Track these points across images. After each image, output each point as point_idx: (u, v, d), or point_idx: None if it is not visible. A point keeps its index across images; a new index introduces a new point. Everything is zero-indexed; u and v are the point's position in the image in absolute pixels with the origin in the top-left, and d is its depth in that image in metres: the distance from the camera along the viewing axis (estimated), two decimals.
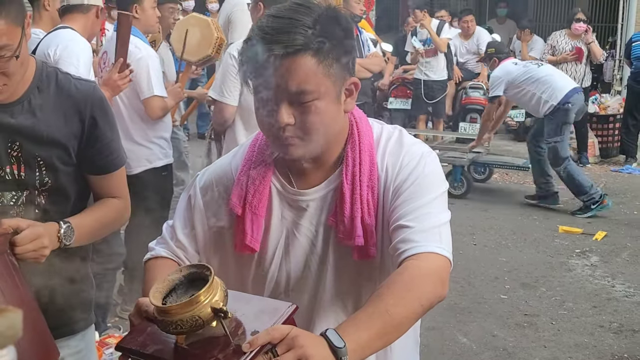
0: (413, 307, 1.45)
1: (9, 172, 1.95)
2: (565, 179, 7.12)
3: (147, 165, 4.35)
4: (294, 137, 1.56)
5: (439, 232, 1.56)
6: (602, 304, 4.98)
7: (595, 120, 9.76)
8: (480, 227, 6.64)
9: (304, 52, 1.49)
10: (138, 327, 1.47)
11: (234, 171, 1.75)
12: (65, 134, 1.98)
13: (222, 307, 1.33)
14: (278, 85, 1.51)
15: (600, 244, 6.23)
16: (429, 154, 1.67)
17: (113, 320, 4.64)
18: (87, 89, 2.03)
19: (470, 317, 4.74)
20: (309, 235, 1.71)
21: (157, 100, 4.25)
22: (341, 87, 1.58)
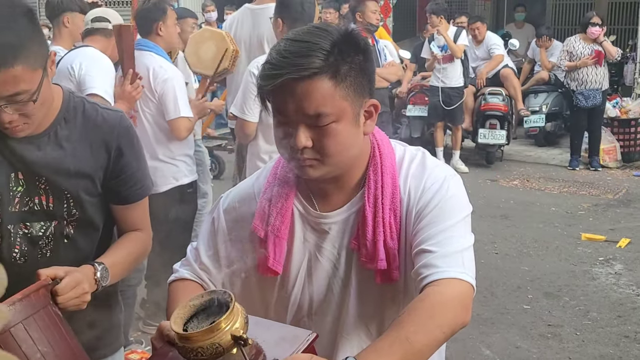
0: (434, 335, 1.43)
1: (38, 202, 1.94)
2: None
3: (174, 183, 4.38)
4: (312, 158, 1.56)
5: (461, 257, 1.55)
6: (627, 314, 4.92)
7: (617, 124, 9.66)
8: (501, 235, 6.59)
9: (321, 75, 1.49)
10: (160, 352, 1.48)
11: (256, 193, 1.76)
12: (92, 165, 1.97)
13: (243, 335, 1.33)
14: (296, 109, 1.51)
15: (624, 252, 6.16)
16: (452, 177, 1.66)
17: (135, 334, 4.65)
18: (114, 119, 2.02)
19: (494, 328, 4.71)
20: (331, 258, 1.70)
21: (184, 121, 4.27)
22: (359, 109, 1.58)
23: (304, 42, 1.52)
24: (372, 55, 1.63)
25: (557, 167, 9.60)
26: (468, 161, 9.64)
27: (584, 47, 9.02)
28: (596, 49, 8.95)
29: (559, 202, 7.80)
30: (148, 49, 4.31)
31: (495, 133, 9.38)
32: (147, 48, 4.32)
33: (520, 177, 9.11)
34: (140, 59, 4.19)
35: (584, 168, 9.36)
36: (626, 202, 7.81)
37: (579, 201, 7.85)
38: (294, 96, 1.50)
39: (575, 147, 9.41)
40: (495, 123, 9.40)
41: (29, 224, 1.95)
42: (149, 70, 4.21)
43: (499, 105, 9.40)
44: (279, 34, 3.98)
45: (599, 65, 8.97)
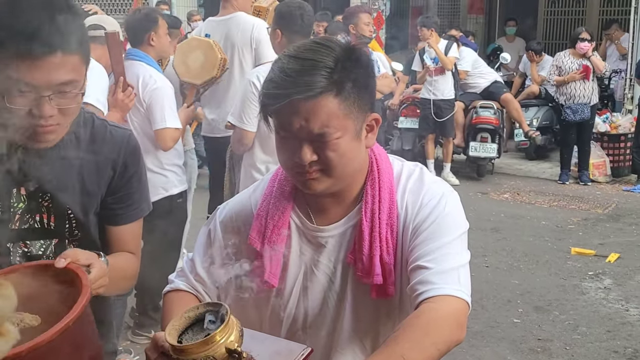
0: (429, 352, 1.43)
1: (39, 220, 1.84)
2: None
3: (163, 194, 4.36)
4: (317, 172, 1.57)
5: (457, 274, 1.55)
6: (616, 329, 4.93)
7: (607, 139, 9.72)
8: (491, 248, 6.61)
9: (325, 93, 1.50)
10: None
11: (253, 206, 1.76)
12: (97, 183, 1.90)
13: (237, 348, 1.32)
14: (300, 127, 1.52)
15: (614, 267, 6.18)
16: (450, 194, 1.67)
17: (124, 344, 4.62)
18: (122, 137, 1.94)
19: (484, 341, 4.70)
20: (327, 272, 1.70)
21: (169, 132, 4.26)
22: (362, 124, 1.59)
23: (308, 59, 1.52)
24: (373, 69, 1.64)
25: (547, 180, 9.64)
26: (459, 174, 9.66)
27: (572, 62, 9.08)
28: (584, 64, 9.01)
29: (549, 216, 7.83)
30: (139, 59, 4.31)
31: (487, 146, 9.42)
32: (138, 58, 4.32)
33: (510, 190, 9.13)
34: (130, 69, 4.19)
35: (573, 182, 9.40)
36: (615, 217, 7.84)
37: (569, 215, 7.88)
38: (298, 115, 1.51)
39: (565, 162, 9.45)
40: (486, 136, 9.44)
41: (29, 243, 1.85)
42: (139, 80, 4.22)
43: (491, 118, 9.44)
44: (277, 45, 3.99)
45: (586, 79, 9.03)
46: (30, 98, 1.60)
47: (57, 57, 1.59)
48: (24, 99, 1.59)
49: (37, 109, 1.62)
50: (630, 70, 10.68)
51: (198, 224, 5.37)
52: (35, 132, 1.67)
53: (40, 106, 1.62)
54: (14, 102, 1.58)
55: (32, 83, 1.58)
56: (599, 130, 9.66)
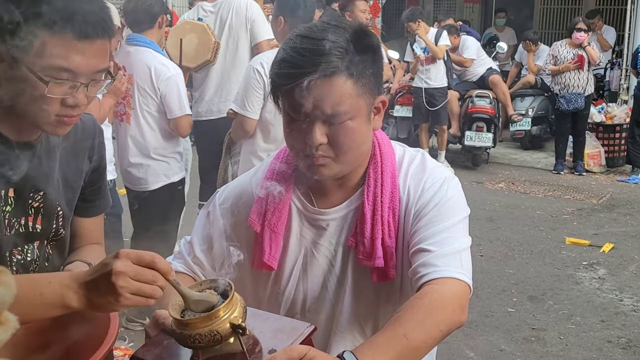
0: (432, 333, 1.43)
1: (24, 224, 1.68)
2: None
3: (165, 181, 4.37)
4: (326, 156, 1.56)
5: (459, 257, 1.55)
6: (610, 319, 4.94)
7: (602, 129, 9.72)
8: (486, 238, 6.61)
9: (339, 73, 1.49)
10: (154, 340, 1.46)
11: (254, 188, 1.75)
12: (78, 174, 1.80)
13: (241, 324, 1.32)
14: (313, 107, 1.51)
15: (608, 257, 6.19)
16: (451, 179, 1.67)
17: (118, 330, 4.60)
18: (91, 123, 1.84)
19: (478, 330, 4.71)
20: (327, 255, 1.70)
21: (187, 119, 4.28)
22: (371, 106, 1.59)
23: (322, 39, 1.51)
24: (381, 51, 1.63)
25: (542, 170, 9.65)
26: (454, 163, 9.65)
27: (568, 52, 9.06)
28: (579, 54, 8.99)
29: (543, 206, 7.83)
30: (146, 45, 4.26)
31: (482, 136, 9.41)
32: (145, 44, 4.26)
33: (505, 180, 9.14)
34: (139, 57, 4.17)
35: (568, 172, 9.41)
36: (610, 207, 7.85)
37: (564, 205, 7.89)
38: (312, 95, 1.50)
39: (560, 151, 9.46)
40: (482, 126, 9.43)
41: (20, 249, 1.70)
42: (151, 69, 4.19)
43: (486, 108, 9.43)
44: (280, 32, 3.96)
45: (581, 69, 9.01)
46: (67, 86, 1.50)
47: (98, 42, 1.50)
48: (61, 87, 1.49)
49: (72, 98, 1.52)
50: (627, 60, 10.69)
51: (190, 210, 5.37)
52: (58, 124, 1.56)
53: (77, 94, 1.52)
54: (51, 92, 1.48)
55: (74, 69, 1.48)
56: (594, 120, 9.66)
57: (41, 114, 1.52)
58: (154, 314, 1.50)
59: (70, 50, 1.46)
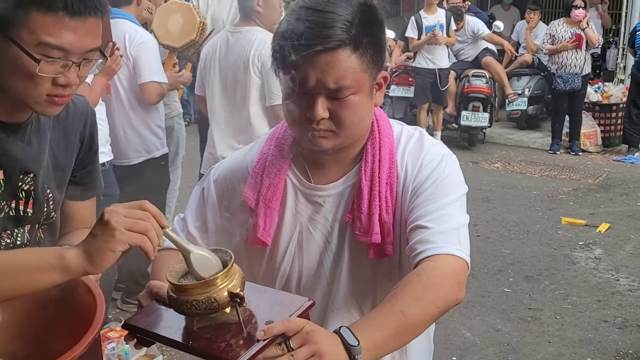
0: (429, 309, 1.42)
1: (14, 207, 1.65)
2: None
3: (145, 156, 4.35)
4: (327, 130, 1.54)
5: (457, 234, 1.54)
6: (606, 298, 4.95)
7: (598, 109, 9.70)
8: (482, 218, 6.61)
9: (345, 47, 1.47)
10: (147, 308, 1.44)
11: (249, 164, 1.73)
12: (69, 157, 1.77)
13: (239, 292, 1.31)
14: (317, 80, 1.49)
15: (604, 236, 6.19)
16: (449, 156, 1.66)
17: (114, 312, 4.61)
18: (83, 104, 1.81)
19: (474, 311, 4.71)
20: (324, 231, 1.68)
21: (156, 86, 4.26)
22: (374, 82, 1.57)
23: (327, 12, 1.49)
24: (385, 26, 1.60)
25: (538, 150, 9.63)
26: (450, 143, 9.61)
27: (565, 31, 9.01)
28: (577, 33, 8.94)
29: (539, 186, 7.83)
30: (122, 17, 4.30)
31: (478, 115, 9.38)
32: (122, 16, 4.31)
33: (501, 160, 9.13)
34: (115, 26, 4.18)
35: (564, 152, 9.39)
36: (606, 187, 7.85)
37: (560, 185, 7.89)
38: (316, 68, 1.48)
39: (556, 131, 9.44)
40: (478, 105, 9.40)
41: (9, 233, 1.67)
42: (125, 35, 4.22)
43: (483, 87, 9.39)
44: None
45: (579, 49, 8.97)
46: (58, 65, 1.47)
47: (90, 20, 1.48)
48: (53, 66, 1.47)
49: (64, 77, 1.49)
50: (623, 39, 10.64)
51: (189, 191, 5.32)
52: (49, 103, 1.53)
53: (69, 73, 1.50)
54: (43, 70, 1.45)
55: (66, 48, 1.46)
56: (590, 100, 9.63)
57: (32, 94, 1.50)
58: (148, 284, 1.48)
59: (63, 28, 1.44)
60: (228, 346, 1.27)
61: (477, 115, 9.39)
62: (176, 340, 1.34)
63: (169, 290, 1.34)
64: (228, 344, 1.27)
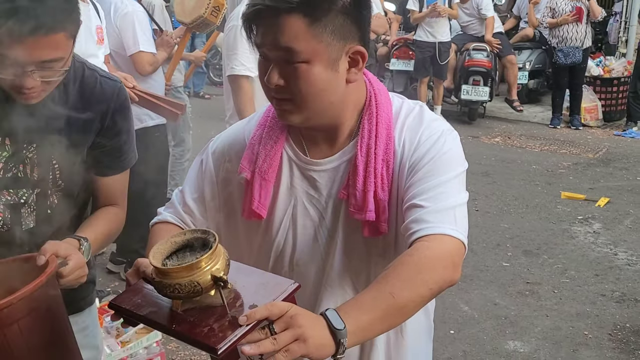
0: (420, 291, 1.39)
1: (22, 170, 1.83)
2: None
3: (137, 125, 4.29)
4: (286, 101, 1.50)
5: (453, 214, 1.49)
6: (604, 273, 4.96)
7: (599, 83, 9.65)
8: (482, 192, 6.60)
9: (296, 10, 1.43)
10: (134, 287, 1.43)
11: (247, 136, 1.71)
12: (83, 134, 1.88)
13: (223, 276, 1.29)
14: (269, 42, 1.46)
15: (603, 211, 6.19)
16: (449, 132, 1.61)
17: (113, 285, 4.62)
18: (112, 89, 1.92)
19: (472, 284, 4.72)
20: (318, 206, 1.66)
21: (144, 56, 4.23)
22: (340, 54, 1.49)
23: None
24: (367, 2, 1.53)
25: (538, 124, 9.61)
26: (450, 117, 9.59)
27: (566, 4, 8.94)
28: (577, 6, 8.86)
29: (539, 160, 7.82)
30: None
31: (479, 89, 9.34)
32: None
33: (501, 134, 9.11)
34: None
35: (565, 126, 9.37)
36: (606, 162, 7.84)
37: (560, 159, 7.87)
38: (266, 29, 1.45)
39: (557, 105, 9.40)
40: (478, 79, 9.35)
41: (12, 191, 1.84)
42: (111, 5, 4.20)
43: (483, 61, 9.33)
44: None
45: (579, 22, 8.90)
46: (12, 69, 1.61)
47: (41, 38, 1.58)
48: (7, 69, 1.60)
49: (19, 80, 1.63)
50: (625, 12, 10.56)
51: None
52: (18, 95, 1.69)
53: (22, 79, 1.63)
54: None
55: (15, 59, 1.58)
56: (591, 74, 9.58)
57: (4, 86, 1.67)
58: (136, 262, 1.46)
59: (8, 41, 1.56)
60: (211, 331, 1.25)
61: (477, 89, 9.35)
62: (159, 322, 1.33)
63: (152, 273, 1.33)
64: (211, 329, 1.26)
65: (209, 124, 6.44)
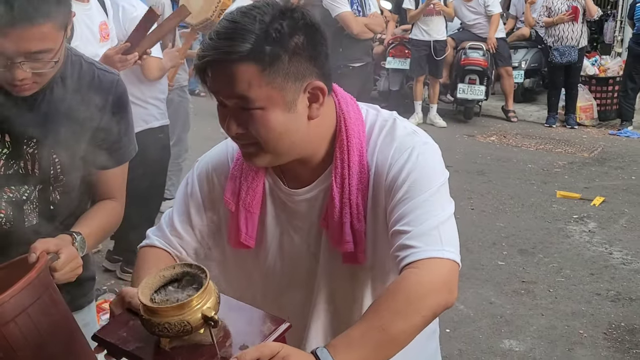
0: (413, 321, 1.35)
1: (23, 166, 1.82)
2: None
3: (143, 126, 4.31)
4: (250, 146, 1.47)
5: (438, 234, 1.43)
6: (599, 272, 4.97)
7: (595, 82, 9.67)
8: (477, 191, 6.60)
9: (245, 60, 1.38)
10: (119, 319, 1.39)
11: (229, 159, 1.68)
12: (83, 128, 1.86)
13: (213, 316, 1.26)
14: (222, 92, 1.43)
15: (598, 210, 6.21)
16: (421, 145, 1.54)
17: (109, 283, 4.62)
18: (110, 82, 1.91)
19: (468, 283, 4.73)
20: (302, 234, 1.65)
21: (154, 61, 4.19)
22: (297, 95, 1.45)
23: (234, 22, 1.41)
24: (319, 33, 1.48)
25: (534, 123, 9.62)
26: (446, 116, 9.61)
27: (561, 3, 8.95)
28: (573, 5, 8.88)
29: (535, 159, 7.83)
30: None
31: (475, 88, 9.34)
32: None
33: (497, 133, 9.12)
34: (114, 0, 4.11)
35: (560, 125, 9.39)
36: (601, 161, 7.86)
37: (555, 159, 7.89)
38: (218, 80, 1.42)
39: (552, 104, 9.42)
40: (474, 78, 9.35)
41: (14, 188, 1.84)
42: (119, 8, 4.14)
43: (479, 60, 9.33)
44: None
45: (575, 21, 8.91)
46: (2, 61, 1.61)
47: (26, 28, 1.58)
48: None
49: (9, 73, 1.63)
50: (621, 12, 10.58)
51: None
52: (11, 88, 1.70)
53: (11, 71, 1.63)
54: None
55: (3, 51, 1.59)
56: (587, 73, 9.60)
57: None
58: (120, 291, 1.43)
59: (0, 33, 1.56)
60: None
61: (473, 88, 9.35)
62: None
63: (141, 309, 1.29)
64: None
65: (204, 122, 6.43)
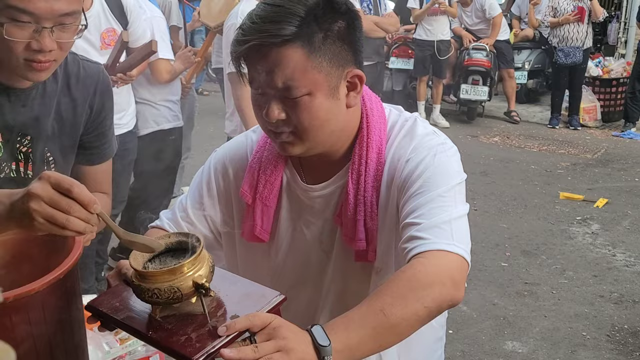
0: (414, 308, 1.30)
1: (15, 169, 1.72)
2: None
3: (154, 127, 4.32)
4: (289, 132, 1.46)
5: (450, 228, 1.42)
6: (602, 274, 4.96)
7: (598, 83, 9.65)
8: (480, 192, 6.60)
9: (291, 43, 1.38)
10: (113, 289, 1.38)
11: (249, 152, 1.68)
12: (75, 122, 1.81)
13: (205, 283, 1.23)
14: (265, 79, 1.41)
15: (601, 212, 6.19)
16: (442, 145, 1.55)
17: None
18: (95, 72, 1.84)
19: (471, 284, 4.72)
20: (315, 230, 1.65)
21: (163, 64, 4.18)
22: (339, 81, 1.46)
23: (277, 6, 1.40)
24: (358, 22, 1.49)
25: (537, 124, 9.61)
26: (449, 116, 9.60)
27: (568, 4, 8.93)
28: (579, 6, 8.86)
29: (538, 160, 7.81)
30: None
31: (478, 89, 9.33)
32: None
33: (500, 133, 9.10)
34: None
35: (563, 127, 9.37)
36: (604, 162, 7.84)
37: (558, 160, 7.87)
38: (262, 65, 1.40)
39: (556, 105, 9.40)
40: (478, 79, 9.35)
41: None
42: None
43: (483, 61, 9.32)
44: None
45: (581, 22, 8.89)
46: (30, 30, 1.50)
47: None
48: (23, 31, 1.49)
49: (36, 42, 1.51)
50: (625, 13, 10.56)
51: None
52: (28, 68, 1.57)
53: (41, 39, 1.51)
54: (11, 34, 1.47)
55: (35, 12, 1.48)
56: (591, 74, 9.58)
57: (9, 58, 1.53)
58: (118, 263, 1.42)
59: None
60: (188, 340, 1.20)
61: (476, 88, 9.35)
62: (136, 328, 1.27)
63: (132, 275, 1.27)
64: (188, 338, 1.20)
65: (207, 120, 6.44)
